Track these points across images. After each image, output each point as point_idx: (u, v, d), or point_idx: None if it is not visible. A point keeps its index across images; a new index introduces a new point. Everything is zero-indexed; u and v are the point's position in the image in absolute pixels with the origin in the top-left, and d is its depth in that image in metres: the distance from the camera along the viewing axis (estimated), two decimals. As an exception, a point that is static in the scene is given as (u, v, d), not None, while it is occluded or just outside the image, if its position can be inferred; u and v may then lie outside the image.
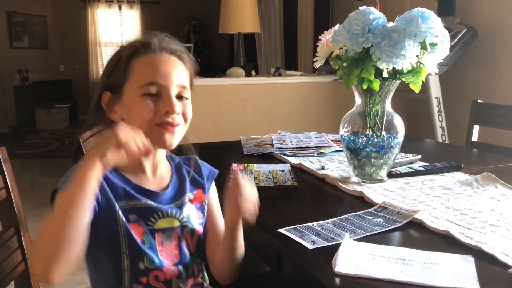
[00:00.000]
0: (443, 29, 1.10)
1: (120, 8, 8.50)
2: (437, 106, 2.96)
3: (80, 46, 8.27)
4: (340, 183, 1.22)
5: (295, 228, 0.91)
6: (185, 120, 0.90)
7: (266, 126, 3.20)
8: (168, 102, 0.85)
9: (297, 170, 1.40)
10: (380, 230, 0.90)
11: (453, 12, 2.97)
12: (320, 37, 1.26)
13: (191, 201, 0.94)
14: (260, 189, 1.20)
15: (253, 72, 3.69)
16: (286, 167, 1.41)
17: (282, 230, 0.90)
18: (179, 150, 0.98)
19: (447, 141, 2.96)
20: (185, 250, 0.91)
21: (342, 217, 0.97)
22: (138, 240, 0.85)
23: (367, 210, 1.01)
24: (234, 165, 1.43)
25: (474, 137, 1.98)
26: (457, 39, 2.79)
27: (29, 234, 1.01)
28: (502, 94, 2.82)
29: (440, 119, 2.96)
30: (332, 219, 0.96)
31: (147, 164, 0.91)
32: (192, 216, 0.93)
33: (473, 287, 0.68)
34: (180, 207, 0.91)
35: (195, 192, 0.96)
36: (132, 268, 0.85)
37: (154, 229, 0.87)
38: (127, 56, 0.88)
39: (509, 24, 2.80)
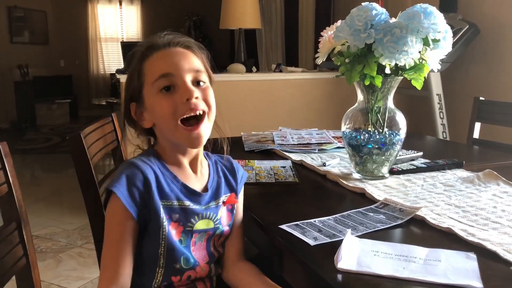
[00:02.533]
0: (446, 25, 1.10)
1: (120, 4, 8.49)
2: (438, 103, 2.95)
3: (80, 41, 8.27)
4: (341, 179, 1.21)
5: (296, 225, 0.91)
6: (208, 106, 0.87)
7: (267, 122, 3.20)
8: (184, 89, 0.83)
9: (298, 167, 1.40)
10: (382, 227, 0.89)
11: (455, 8, 2.96)
12: (322, 33, 1.25)
13: (224, 203, 0.95)
14: (261, 185, 1.20)
15: (254, 68, 3.68)
16: (287, 163, 1.41)
17: (283, 227, 0.90)
18: (214, 144, 0.98)
19: (448, 138, 2.96)
20: (212, 250, 0.94)
21: (344, 213, 0.97)
22: (176, 239, 0.86)
23: (369, 206, 1.01)
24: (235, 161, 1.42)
25: (476, 134, 1.97)
26: (459, 35, 2.78)
27: (30, 229, 1.01)
28: (504, 91, 2.82)
29: (441, 116, 2.96)
30: (334, 216, 0.95)
31: (186, 162, 0.91)
32: (223, 218, 0.94)
33: (475, 284, 0.68)
34: (216, 208, 0.93)
35: (229, 195, 0.96)
36: (167, 266, 0.86)
37: (193, 230, 0.88)
38: (136, 62, 0.87)
39: (511, 20, 2.79)
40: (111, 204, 0.83)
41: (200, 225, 0.89)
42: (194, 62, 0.87)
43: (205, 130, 0.87)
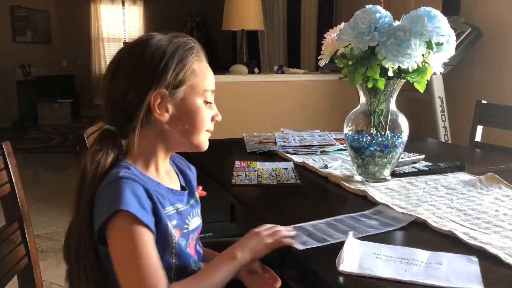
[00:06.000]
0: (449, 28, 1.10)
1: (123, 4, 8.50)
2: (441, 105, 2.95)
3: (83, 41, 8.28)
4: (343, 181, 1.21)
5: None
6: None
7: (269, 124, 3.20)
8: (217, 111, 0.91)
9: (300, 168, 1.40)
10: (374, 232, 0.88)
11: (458, 11, 2.96)
12: (325, 35, 1.25)
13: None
14: (263, 187, 1.20)
15: (256, 70, 3.68)
16: (289, 165, 1.41)
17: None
18: None
19: (450, 141, 2.95)
20: (198, 247, 0.95)
21: (336, 217, 0.96)
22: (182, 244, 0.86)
23: (362, 212, 0.99)
24: (237, 162, 1.43)
25: (478, 137, 1.97)
26: (461, 38, 2.78)
27: (32, 228, 1.01)
28: (506, 94, 2.81)
29: (443, 119, 2.96)
30: (326, 219, 0.94)
31: (162, 167, 0.89)
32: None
33: (477, 287, 0.68)
34: (197, 204, 0.95)
35: (198, 188, 0.99)
36: (180, 271, 0.86)
37: (189, 231, 0.89)
38: (186, 52, 0.84)
39: (514, 24, 2.79)
40: (125, 225, 0.74)
41: (192, 224, 0.90)
42: None
43: None
